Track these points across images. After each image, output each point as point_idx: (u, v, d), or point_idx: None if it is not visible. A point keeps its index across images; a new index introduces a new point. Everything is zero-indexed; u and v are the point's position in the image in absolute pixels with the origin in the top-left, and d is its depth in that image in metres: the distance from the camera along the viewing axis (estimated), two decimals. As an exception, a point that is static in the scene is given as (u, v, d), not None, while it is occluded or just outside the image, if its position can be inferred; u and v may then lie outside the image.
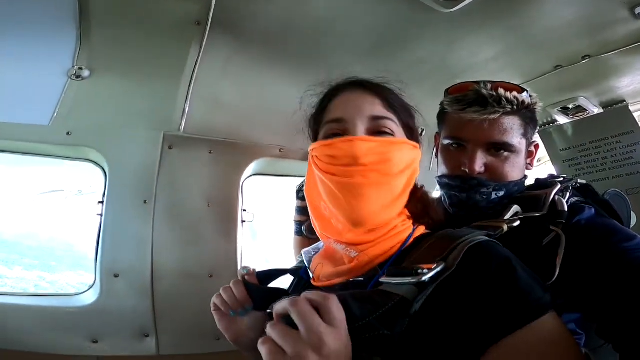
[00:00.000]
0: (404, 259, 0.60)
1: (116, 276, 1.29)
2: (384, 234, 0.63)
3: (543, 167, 1.87)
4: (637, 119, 1.42)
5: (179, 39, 1.19)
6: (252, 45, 1.25)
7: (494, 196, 0.79)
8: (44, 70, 1.19)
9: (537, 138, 1.69)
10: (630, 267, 0.61)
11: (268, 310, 0.69)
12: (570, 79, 1.32)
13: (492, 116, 0.77)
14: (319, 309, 0.44)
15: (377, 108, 0.66)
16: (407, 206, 0.68)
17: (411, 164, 0.67)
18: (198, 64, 1.24)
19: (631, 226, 1.36)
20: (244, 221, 1.47)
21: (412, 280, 0.50)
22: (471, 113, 0.78)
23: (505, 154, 0.79)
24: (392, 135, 0.65)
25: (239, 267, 1.45)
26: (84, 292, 1.34)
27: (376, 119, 0.65)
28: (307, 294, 0.46)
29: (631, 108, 1.42)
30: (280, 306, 0.46)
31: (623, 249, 0.64)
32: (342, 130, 0.65)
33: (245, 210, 1.48)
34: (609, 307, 0.60)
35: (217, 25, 1.14)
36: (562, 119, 1.56)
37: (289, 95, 1.44)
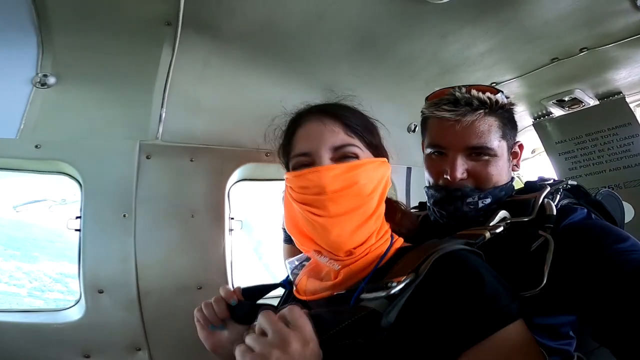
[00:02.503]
0: (386, 271, 0.61)
1: (100, 292, 1.24)
2: (363, 251, 0.66)
3: (538, 158, 1.84)
4: (633, 111, 1.38)
5: (150, 42, 1.10)
6: (231, 46, 1.17)
7: (481, 204, 0.77)
8: (6, 79, 1.10)
9: (530, 133, 1.70)
10: (624, 270, 0.58)
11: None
12: (567, 71, 1.27)
13: (465, 118, 0.76)
14: (285, 319, 0.50)
15: (339, 137, 0.68)
16: (386, 219, 0.71)
17: (381, 181, 0.69)
18: (172, 67, 1.15)
19: (627, 220, 1.35)
20: (231, 229, 1.41)
21: (382, 294, 0.54)
22: (443, 112, 0.77)
23: (486, 157, 0.77)
24: (356, 158, 0.67)
25: (229, 277, 1.42)
26: (70, 307, 1.30)
27: (339, 148, 0.67)
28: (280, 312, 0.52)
29: (628, 100, 1.38)
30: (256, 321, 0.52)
31: (616, 251, 0.62)
32: (308, 162, 0.68)
33: (232, 219, 1.42)
34: (604, 311, 0.58)
35: (189, 25, 1.05)
36: (557, 111, 1.51)
37: (273, 97, 1.35)
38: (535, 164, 1.86)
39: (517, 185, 0.91)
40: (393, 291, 0.54)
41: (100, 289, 1.24)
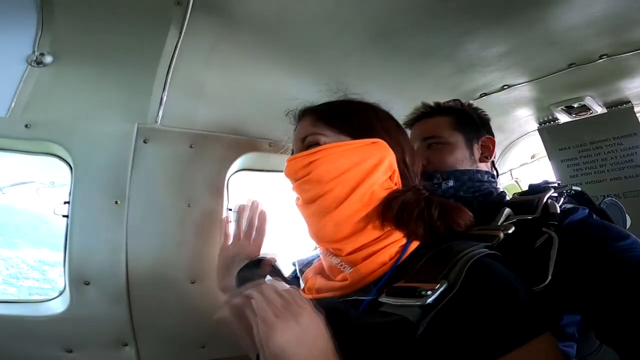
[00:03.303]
0: (399, 275, 0.59)
1: (87, 284, 1.16)
2: (362, 245, 0.64)
3: (537, 164, 1.85)
4: (640, 121, 1.39)
5: (156, 21, 1.02)
6: (241, 30, 1.10)
7: (444, 186, 0.88)
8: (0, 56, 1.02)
9: (532, 139, 1.70)
10: (626, 267, 0.60)
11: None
12: (582, 78, 1.25)
13: (419, 118, 1.04)
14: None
15: (305, 129, 0.73)
16: (390, 216, 0.65)
17: (356, 165, 0.66)
18: (178, 48, 1.08)
19: (626, 229, 1.37)
20: (230, 222, 1.35)
21: (417, 303, 0.50)
22: (405, 118, 1.05)
23: (438, 146, 0.94)
24: (318, 145, 0.69)
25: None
26: (52, 299, 1.22)
27: (305, 139, 0.71)
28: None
29: (635, 109, 1.39)
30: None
31: (618, 248, 0.63)
32: None
33: (231, 210, 1.36)
34: (607, 310, 0.59)
35: (200, 6, 0.98)
36: (563, 118, 1.51)
37: (280, 86, 1.32)
38: (535, 169, 1.87)
39: (514, 189, 0.93)
40: (429, 300, 0.50)
41: (87, 280, 1.16)
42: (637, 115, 1.38)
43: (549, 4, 0.95)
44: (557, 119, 1.53)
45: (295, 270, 0.83)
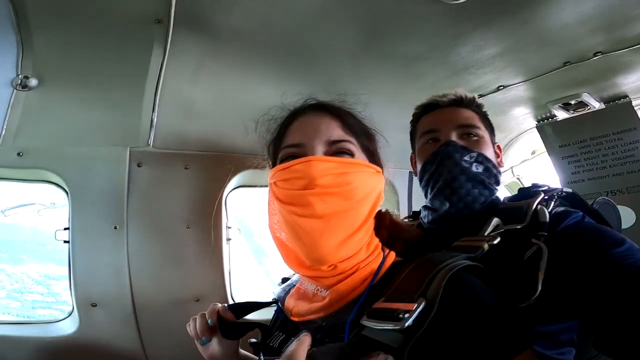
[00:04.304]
0: (380, 290, 0.56)
1: (94, 305, 1.18)
2: (351, 267, 0.60)
3: (538, 160, 1.82)
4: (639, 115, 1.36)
5: (139, 41, 1.01)
6: (227, 45, 1.08)
7: (475, 169, 0.78)
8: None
9: (530, 135, 1.67)
10: (624, 277, 0.57)
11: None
12: (577, 75, 1.23)
13: (451, 102, 0.86)
14: None
15: (335, 131, 0.64)
16: (376, 234, 0.65)
17: (374, 190, 0.64)
18: (164, 68, 1.07)
19: (629, 226, 1.35)
20: (229, 239, 1.35)
21: (396, 327, 0.47)
22: (433, 98, 0.88)
23: (475, 138, 0.82)
24: (351, 157, 0.63)
25: (228, 287, 1.36)
26: (62, 320, 1.24)
27: (335, 142, 0.63)
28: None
29: (634, 103, 1.36)
30: None
31: (614, 256, 0.60)
32: (299, 153, 0.62)
33: (230, 228, 1.36)
34: (606, 321, 0.57)
35: (181, 23, 0.96)
36: (561, 115, 1.48)
37: (273, 100, 1.30)
38: (536, 165, 1.84)
39: (516, 186, 0.90)
40: (407, 324, 0.47)
41: (94, 302, 1.18)
42: (636, 109, 1.35)
43: (539, 4, 0.93)
44: (556, 116, 1.50)
45: (275, 298, 0.79)
